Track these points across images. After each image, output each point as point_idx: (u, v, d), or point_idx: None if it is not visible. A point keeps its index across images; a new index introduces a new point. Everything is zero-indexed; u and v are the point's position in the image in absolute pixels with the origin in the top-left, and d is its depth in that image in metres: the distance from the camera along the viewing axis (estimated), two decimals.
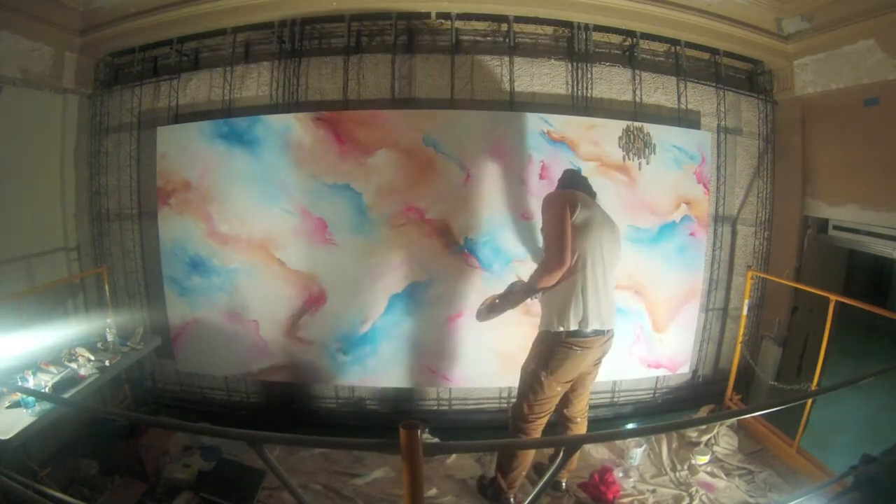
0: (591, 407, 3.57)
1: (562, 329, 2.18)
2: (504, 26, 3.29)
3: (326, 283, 3.19)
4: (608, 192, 3.20)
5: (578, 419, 2.53)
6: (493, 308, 2.45)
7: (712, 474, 2.72)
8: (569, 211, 2.20)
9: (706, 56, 3.52)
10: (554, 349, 2.21)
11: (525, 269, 3.19)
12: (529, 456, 2.49)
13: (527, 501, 0.98)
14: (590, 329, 2.19)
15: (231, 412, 3.54)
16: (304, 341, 3.27)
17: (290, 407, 3.50)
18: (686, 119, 3.44)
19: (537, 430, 2.36)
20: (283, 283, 3.21)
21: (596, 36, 3.32)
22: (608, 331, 2.29)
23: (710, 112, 3.51)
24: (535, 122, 3.10)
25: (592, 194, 2.50)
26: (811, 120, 3.44)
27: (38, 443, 2.58)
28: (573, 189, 2.41)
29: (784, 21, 3.24)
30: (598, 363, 2.41)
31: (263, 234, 3.18)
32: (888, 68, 2.81)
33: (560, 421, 2.56)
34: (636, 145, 3.21)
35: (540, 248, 3.01)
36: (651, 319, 3.37)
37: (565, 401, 2.45)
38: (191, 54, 3.46)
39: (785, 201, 3.62)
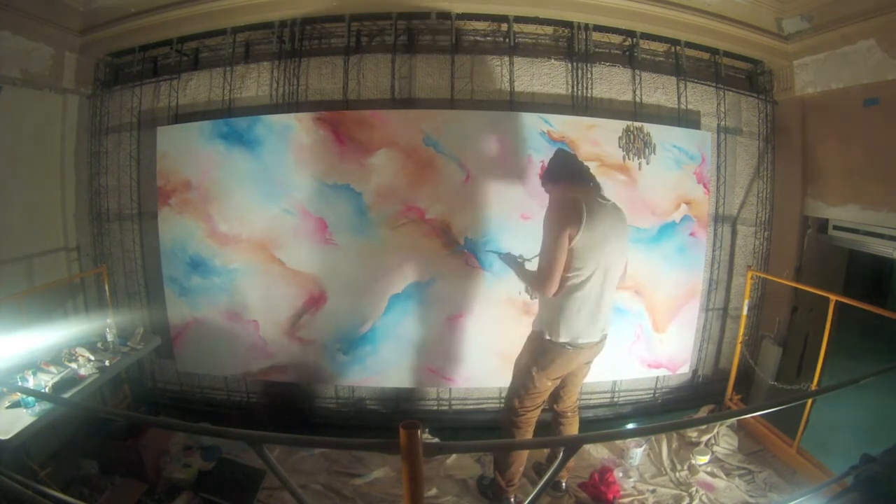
0: (591, 407, 3.60)
1: (551, 339, 2.18)
2: (504, 26, 3.29)
3: (326, 283, 3.19)
4: (608, 193, 3.18)
5: (569, 414, 2.54)
6: (509, 260, 2.46)
7: (712, 474, 2.72)
8: (567, 237, 2.04)
9: (706, 56, 3.52)
10: (546, 348, 2.21)
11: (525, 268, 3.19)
12: (525, 451, 2.49)
13: (527, 501, 0.98)
14: (581, 342, 2.18)
15: (231, 412, 3.54)
16: (304, 341, 3.27)
17: (290, 407, 3.50)
18: (686, 119, 3.44)
19: (529, 423, 2.37)
20: (283, 283, 3.21)
21: (596, 36, 3.33)
22: (602, 337, 2.27)
23: (710, 112, 3.51)
24: (535, 122, 3.10)
25: (596, 186, 2.25)
26: (811, 120, 3.44)
27: (38, 443, 2.58)
28: (576, 190, 2.17)
29: (784, 21, 3.24)
30: (589, 363, 2.41)
31: (263, 234, 3.18)
32: (888, 68, 2.81)
33: (552, 417, 2.57)
34: (636, 145, 3.21)
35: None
36: (651, 319, 3.37)
37: (555, 397, 2.46)
38: (191, 54, 3.46)
39: (785, 201, 3.62)
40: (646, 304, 3.35)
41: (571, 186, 2.21)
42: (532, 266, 3.13)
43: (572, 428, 2.56)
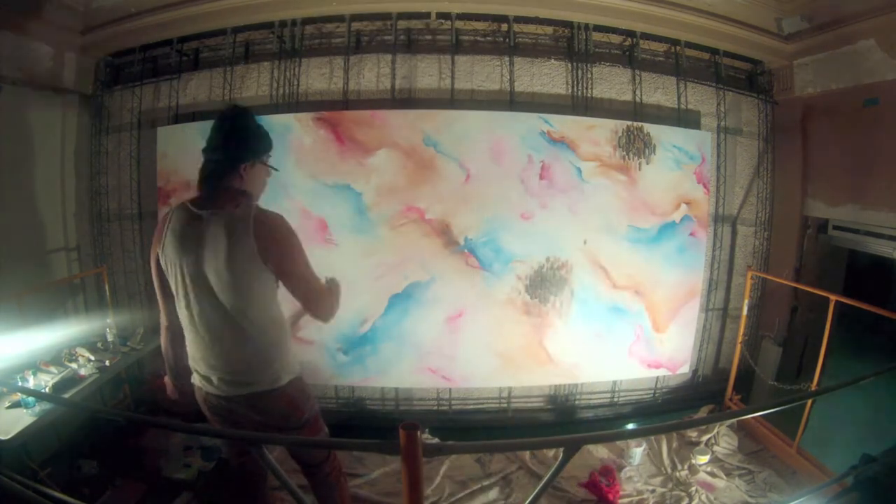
0: (591, 407, 3.60)
1: None
2: (504, 26, 3.29)
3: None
4: (608, 192, 3.20)
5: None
6: None
7: (712, 474, 2.72)
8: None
9: (706, 56, 3.52)
10: None
11: (525, 268, 3.20)
12: None
13: (527, 501, 0.98)
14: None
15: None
16: (304, 341, 3.26)
17: None
18: (686, 119, 3.44)
19: None
20: None
21: (596, 36, 3.33)
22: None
23: (710, 112, 3.52)
24: (535, 122, 3.10)
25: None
26: (811, 120, 3.44)
27: (38, 443, 2.58)
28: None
29: (784, 21, 3.24)
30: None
31: None
32: (888, 68, 2.81)
33: None
34: (636, 145, 3.21)
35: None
36: (651, 319, 3.38)
37: None
38: (191, 54, 3.46)
39: (785, 201, 3.62)
40: (646, 303, 3.35)
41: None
42: (527, 266, 3.14)
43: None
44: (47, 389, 2.32)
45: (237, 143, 1.51)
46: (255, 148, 1.56)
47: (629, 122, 3.22)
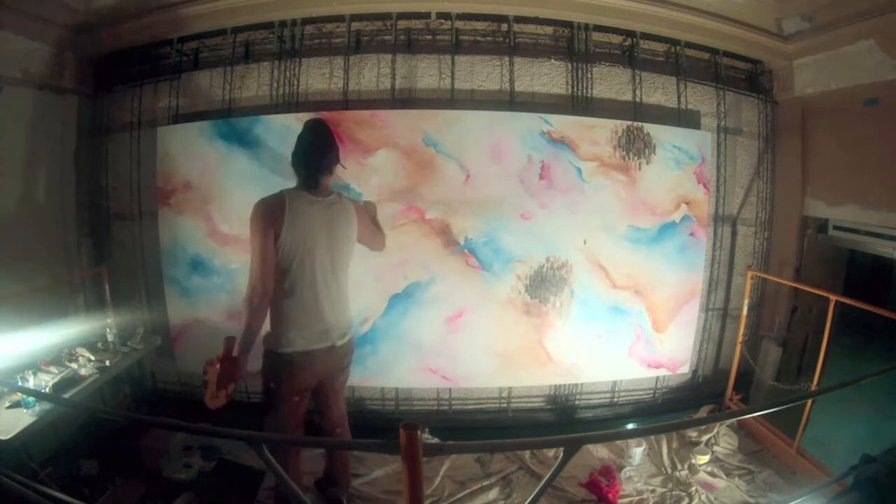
0: (591, 407, 3.60)
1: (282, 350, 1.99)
2: (504, 26, 3.29)
3: None
4: (608, 192, 3.21)
5: (338, 430, 2.28)
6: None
7: (712, 474, 2.72)
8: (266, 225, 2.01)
9: (706, 56, 3.52)
10: (274, 362, 2.05)
11: (525, 268, 3.20)
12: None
13: (527, 501, 0.98)
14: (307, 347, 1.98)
15: (232, 412, 3.53)
16: None
17: None
18: (686, 119, 3.44)
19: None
20: None
21: (596, 36, 3.33)
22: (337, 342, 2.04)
23: (710, 112, 3.52)
24: (535, 122, 3.10)
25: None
26: (811, 120, 3.44)
27: (38, 443, 2.58)
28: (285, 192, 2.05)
29: (784, 21, 3.25)
30: (339, 371, 2.16)
31: None
32: (888, 68, 2.81)
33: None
34: (636, 145, 3.21)
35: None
36: (651, 319, 3.38)
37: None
38: (191, 54, 3.45)
39: (785, 201, 3.62)
40: (646, 304, 3.35)
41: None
42: (527, 266, 3.16)
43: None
44: (47, 389, 2.32)
45: (333, 148, 2.04)
46: (338, 152, 2.07)
47: (629, 122, 3.22)
